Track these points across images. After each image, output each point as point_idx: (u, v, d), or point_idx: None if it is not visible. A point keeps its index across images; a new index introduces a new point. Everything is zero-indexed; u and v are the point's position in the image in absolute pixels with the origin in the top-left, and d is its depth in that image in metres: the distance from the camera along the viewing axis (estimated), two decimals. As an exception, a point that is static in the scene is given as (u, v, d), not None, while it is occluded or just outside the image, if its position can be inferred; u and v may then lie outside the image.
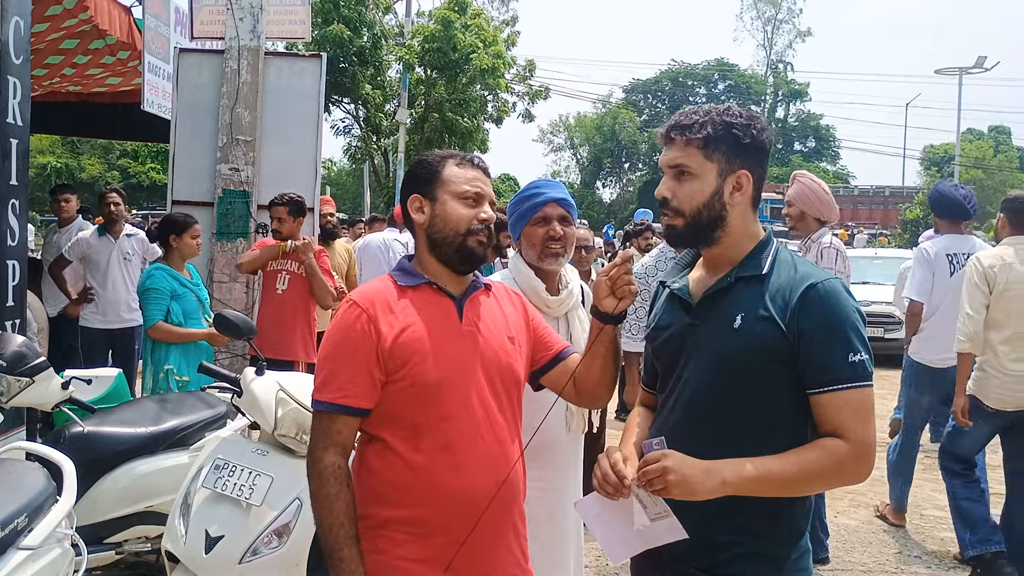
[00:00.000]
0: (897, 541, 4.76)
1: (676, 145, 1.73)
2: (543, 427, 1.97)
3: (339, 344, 1.77)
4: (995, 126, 51.63)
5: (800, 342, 1.62)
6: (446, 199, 1.84)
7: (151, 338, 4.33)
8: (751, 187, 1.73)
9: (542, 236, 2.51)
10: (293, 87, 5.57)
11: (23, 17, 3.82)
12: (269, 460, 3.10)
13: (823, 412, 1.62)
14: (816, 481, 1.63)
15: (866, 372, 1.61)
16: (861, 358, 1.61)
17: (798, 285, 1.65)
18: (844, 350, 1.60)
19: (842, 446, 1.59)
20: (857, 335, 1.62)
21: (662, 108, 50.77)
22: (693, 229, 1.73)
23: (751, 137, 1.70)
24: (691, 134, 1.70)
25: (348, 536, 1.70)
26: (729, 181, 1.71)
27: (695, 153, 1.71)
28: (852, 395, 1.60)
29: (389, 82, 19.20)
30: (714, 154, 1.70)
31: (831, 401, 1.61)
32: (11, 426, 3.64)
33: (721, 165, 1.70)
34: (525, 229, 2.54)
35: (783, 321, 1.63)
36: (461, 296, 1.86)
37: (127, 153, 32.98)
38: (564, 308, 2.61)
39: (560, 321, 2.62)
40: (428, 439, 1.75)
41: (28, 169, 3.94)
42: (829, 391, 1.61)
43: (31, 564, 2.22)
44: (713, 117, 1.71)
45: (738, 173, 1.71)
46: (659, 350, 1.85)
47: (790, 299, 1.64)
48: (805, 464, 1.59)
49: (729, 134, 1.69)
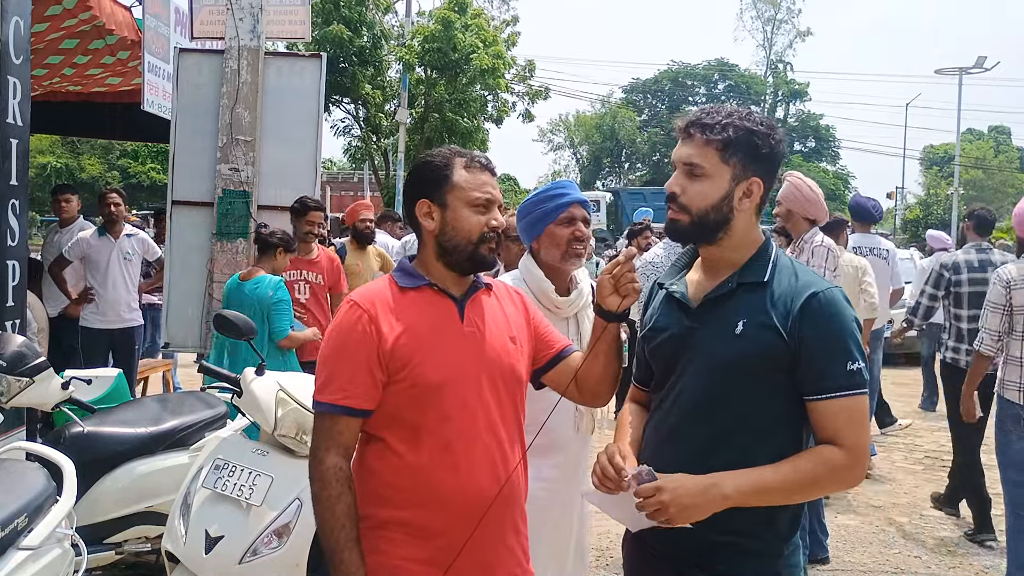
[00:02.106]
0: (897, 541, 4.77)
1: (694, 142, 1.71)
2: (550, 427, 1.97)
3: (340, 345, 1.77)
4: (995, 126, 51.62)
5: (800, 349, 1.63)
6: (457, 206, 1.81)
7: (284, 347, 4.44)
8: (760, 195, 1.73)
9: (567, 236, 2.51)
10: (293, 87, 5.57)
11: (23, 17, 3.82)
12: (269, 460, 3.10)
13: (820, 418, 1.64)
14: (812, 488, 1.66)
15: (863, 380, 1.64)
16: (858, 366, 1.63)
17: (800, 293, 1.66)
18: (843, 358, 1.62)
19: (837, 453, 1.62)
20: (855, 344, 1.64)
21: (662, 108, 50.72)
22: (697, 228, 1.73)
23: (769, 147, 1.70)
24: (712, 134, 1.69)
25: (349, 538, 1.70)
26: (741, 187, 1.70)
27: (712, 154, 1.69)
28: (849, 402, 1.62)
29: (389, 82, 19.19)
30: (731, 158, 1.69)
31: (828, 408, 1.63)
32: (11, 426, 3.63)
33: (736, 170, 1.70)
34: (549, 228, 2.53)
35: (784, 328, 1.64)
36: (462, 297, 1.85)
37: (127, 153, 32.98)
38: (574, 309, 2.61)
39: (570, 321, 2.62)
40: (428, 440, 1.75)
41: (28, 169, 3.94)
42: (827, 398, 1.63)
43: (31, 564, 2.22)
44: (735, 121, 1.69)
45: (751, 180, 1.71)
46: (656, 351, 1.84)
47: (792, 307, 1.65)
48: (801, 472, 1.62)
49: (749, 140, 1.69)
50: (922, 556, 4.55)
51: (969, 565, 4.43)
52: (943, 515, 5.28)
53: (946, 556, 4.55)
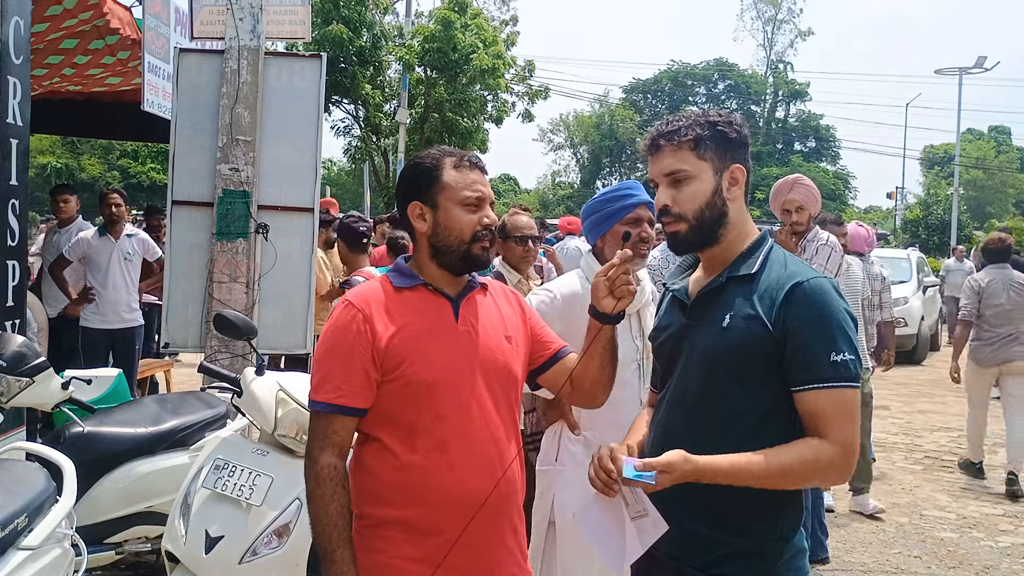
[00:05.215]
0: (897, 541, 4.77)
1: (665, 153, 1.74)
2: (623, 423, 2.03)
3: (335, 344, 1.77)
4: (995, 126, 51.67)
5: (785, 340, 1.62)
6: (449, 206, 1.82)
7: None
8: (744, 180, 1.76)
9: (633, 237, 2.53)
10: (293, 87, 5.56)
11: (23, 17, 3.82)
12: (269, 460, 3.10)
13: (804, 410, 1.62)
14: (794, 479, 1.61)
15: (849, 372, 1.60)
16: (845, 358, 1.59)
17: (785, 283, 1.65)
18: (827, 349, 1.60)
19: (822, 446, 1.59)
20: (843, 335, 1.61)
21: (662, 108, 50.71)
22: (698, 231, 1.73)
23: (736, 132, 1.74)
24: (680, 138, 1.73)
25: (341, 537, 1.71)
26: (726, 176, 1.73)
27: (688, 155, 1.72)
28: (834, 394, 1.59)
29: (389, 82, 19.18)
30: (706, 153, 1.72)
31: (812, 399, 1.60)
32: (11, 426, 3.63)
33: (715, 163, 1.73)
34: (615, 228, 2.58)
35: (769, 319, 1.63)
36: (457, 296, 1.86)
37: (127, 153, 32.98)
38: (636, 306, 2.66)
39: (633, 318, 2.67)
40: (423, 439, 1.75)
41: (28, 169, 3.94)
42: (810, 389, 1.60)
43: (31, 564, 2.22)
44: (696, 120, 1.74)
45: (732, 168, 1.74)
46: (658, 350, 1.87)
47: (776, 297, 1.64)
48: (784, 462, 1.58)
49: (716, 132, 1.72)
50: (922, 556, 4.55)
51: (969, 565, 4.43)
52: (943, 515, 5.28)
53: (946, 556, 4.55)
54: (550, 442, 2.72)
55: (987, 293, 5.94)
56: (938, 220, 30.17)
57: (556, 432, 2.71)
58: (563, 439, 2.68)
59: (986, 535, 4.92)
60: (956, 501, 5.59)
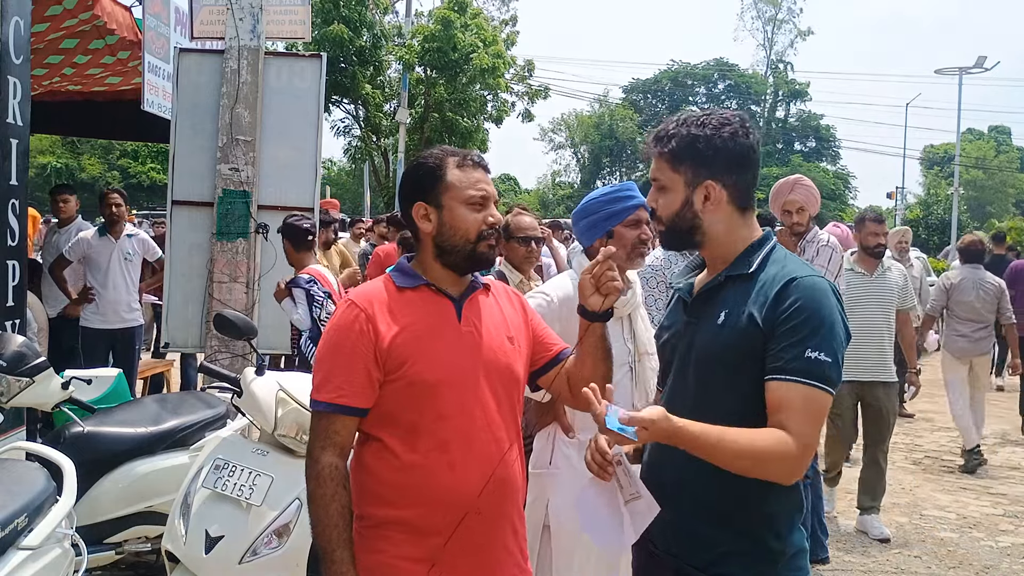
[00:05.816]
0: (897, 541, 4.77)
1: (652, 158, 1.78)
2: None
3: (337, 344, 1.77)
4: (995, 126, 51.64)
5: (772, 332, 1.61)
6: (453, 206, 1.81)
7: None
8: (725, 195, 1.72)
9: (634, 238, 2.56)
10: (293, 87, 5.57)
11: (23, 17, 3.82)
12: (269, 460, 3.10)
13: (771, 400, 1.59)
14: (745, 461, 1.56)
15: (822, 372, 1.56)
16: (820, 357, 1.56)
17: (779, 280, 1.65)
18: (803, 343, 1.57)
19: (781, 438, 1.55)
20: (826, 336, 1.58)
21: (662, 108, 50.70)
22: (671, 235, 1.80)
23: (714, 149, 1.70)
24: (661, 147, 1.75)
25: (342, 538, 1.71)
26: (699, 192, 1.72)
27: (665, 167, 1.75)
28: (800, 390, 1.56)
29: (389, 82, 19.19)
30: (679, 166, 1.73)
31: (777, 390, 1.58)
32: (11, 426, 3.63)
33: (688, 176, 1.73)
34: (616, 229, 2.57)
35: (760, 315, 1.63)
36: (460, 297, 1.86)
37: (127, 153, 33.01)
38: (628, 308, 2.66)
39: (624, 321, 2.65)
40: (424, 439, 1.75)
41: (28, 169, 3.94)
42: (776, 379, 1.58)
43: (31, 564, 2.22)
44: (680, 129, 1.73)
45: (705, 184, 1.72)
46: (662, 349, 1.90)
47: (770, 293, 1.64)
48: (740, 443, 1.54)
49: (692, 147, 1.71)
50: (922, 556, 4.55)
51: (969, 565, 4.43)
52: (943, 515, 5.28)
53: (946, 556, 4.55)
54: (544, 445, 2.68)
55: (957, 290, 6.56)
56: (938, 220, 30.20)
57: (550, 435, 2.68)
58: (557, 442, 2.65)
59: (986, 535, 4.91)
60: (956, 501, 5.58)
